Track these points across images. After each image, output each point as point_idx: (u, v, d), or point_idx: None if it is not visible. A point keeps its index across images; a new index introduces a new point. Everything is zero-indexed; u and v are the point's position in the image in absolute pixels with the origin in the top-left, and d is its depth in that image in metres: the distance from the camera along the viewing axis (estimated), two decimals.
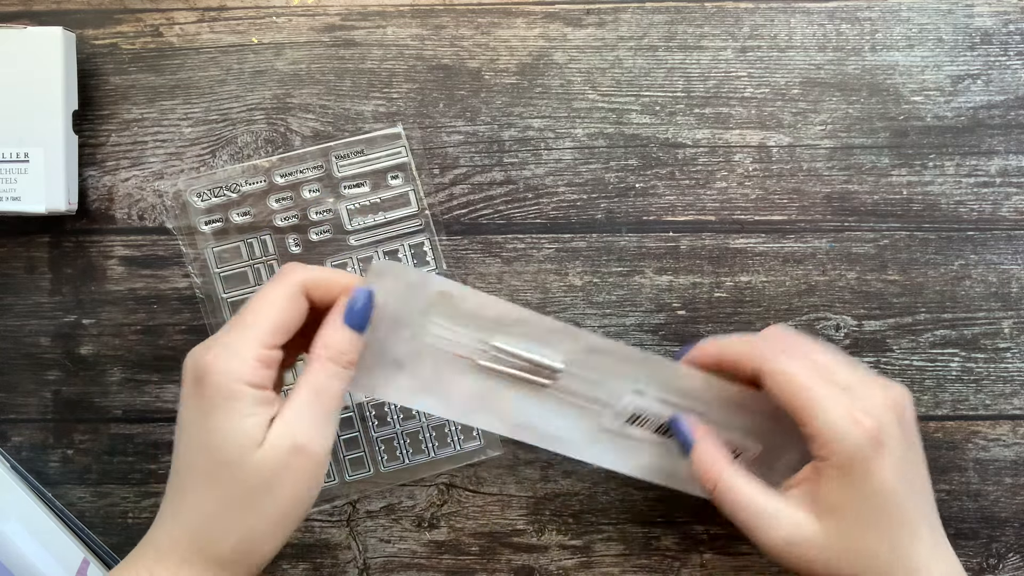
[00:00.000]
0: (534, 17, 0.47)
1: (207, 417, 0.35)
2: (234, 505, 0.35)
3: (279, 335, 0.36)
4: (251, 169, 0.47)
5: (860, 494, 0.37)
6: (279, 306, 0.36)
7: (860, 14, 0.47)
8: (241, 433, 0.35)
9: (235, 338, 0.36)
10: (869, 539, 0.37)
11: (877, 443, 0.37)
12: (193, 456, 0.36)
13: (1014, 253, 0.47)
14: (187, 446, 0.36)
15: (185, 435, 0.36)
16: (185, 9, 0.47)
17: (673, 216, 0.47)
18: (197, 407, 0.35)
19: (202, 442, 0.35)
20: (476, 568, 0.48)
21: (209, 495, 0.35)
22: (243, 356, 0.35)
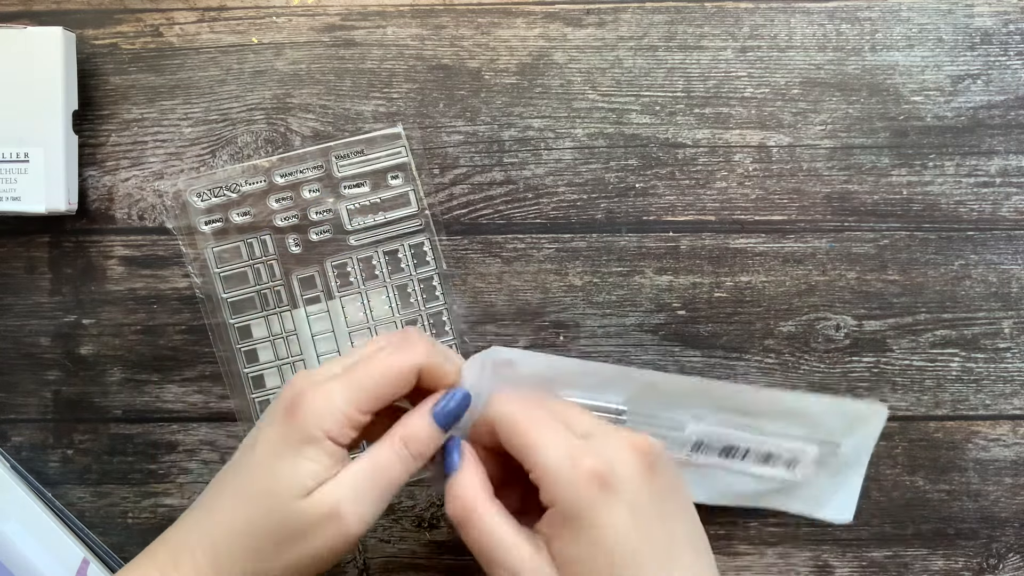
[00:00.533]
0: (534, 17, 0.47)
1: (282, 446, 0.36)
2: (259, 536, 0.36)
3: (377, 404, 0.37)
4: (251, 169, 0.47)
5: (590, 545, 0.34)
6: (391, 380, 0.37)
7: (860, 14, 0.47)
8: (298, 476, 0.35)
9: (340, 387, 0.36)
10: None
11: (604, 487, 0.34)
12: (246, 472, 0.37)
13: (1014, 253, 0.47)
14: (247, 461, 0.37)
15: (251, 450, 0.37)
16: (185, 9, 0.47)
17: (673, 216, 0.47)
18: (278, 433, 0.36)
19: (265, 466, 0.36)
20: (476, 568, 0.48)
21: (242, 515, 0.36)
22: (336, 408, 0.36)
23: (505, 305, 0.48)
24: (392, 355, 0.37)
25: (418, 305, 0.47)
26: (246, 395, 0.47)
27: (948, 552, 0.48)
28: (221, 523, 0.36)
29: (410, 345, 0.37)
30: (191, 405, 0.48)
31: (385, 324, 0.47)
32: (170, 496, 0.48)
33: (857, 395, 0.47)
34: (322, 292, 0.47)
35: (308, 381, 0.37)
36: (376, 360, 0.37)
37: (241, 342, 0.47)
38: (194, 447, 0.48)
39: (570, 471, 0.34)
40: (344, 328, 0.47)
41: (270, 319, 0.47)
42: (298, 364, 0.47)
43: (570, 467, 0.34)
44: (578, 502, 0.34)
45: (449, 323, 0.47)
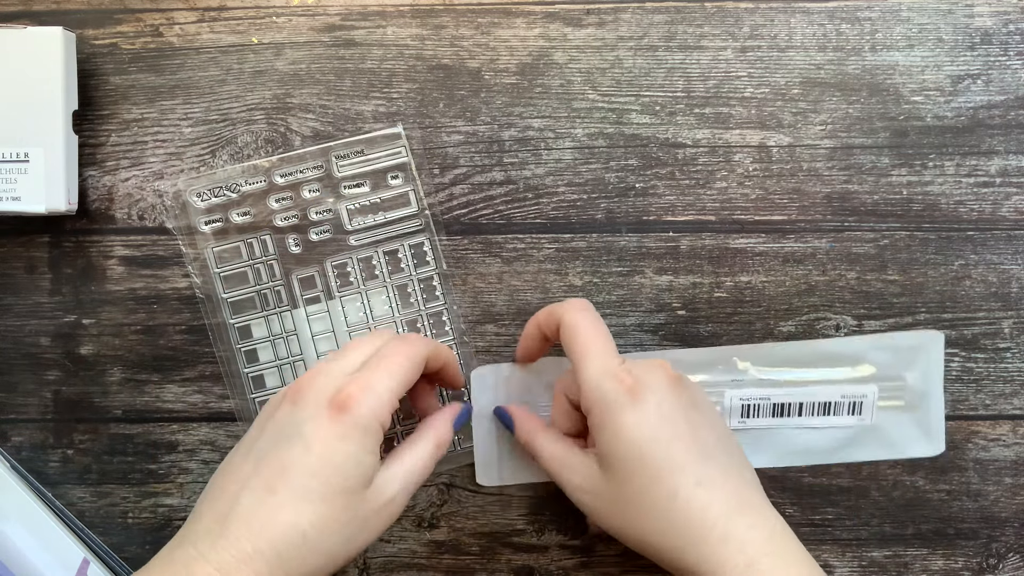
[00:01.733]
0: (534, 17, 0.47)
1: (342, 442, 0.37)
2: (333, 533, 0.37)
3: (404, 392, 0.40)
4: (251, 169, 0.47)
5: (622, 446, 0.39)
6: (417, 367, 0.40)
7: (860, 14, 0.47)
8: (367, 468, 0.38)
9: (379, 381, 0.38)
10: (641, 487, 0.38)
11: (632, 396, 0.39)
12: (306, 472, 0.36)
13: (1014, 253, 0.47)
14: (302, 461, 0.37)
15: (304, 451, 0.37)
16: (185, 9, 0.47)
17: (673, 216, 0.47)
18: (332, 429, 0.37)
19: (328, 463, 0.37)
20: (476, 568, 0.48)
21: (311, 515, 0.36)
22: (384, 401, 0.38)
23: (505, 305, 0.48)
24: (408, 345, 0.41)
25: (418, 305, 0.47)
26: (246, 395, 0.47)
27: (948, 552, 0.48)
28: (284, 529, 0.36)
29: (410, 337, 0.42)
30: (191, 405, 0.48)
31: (385, 324, 0.47)
32: (170, 496, 0.48)
33: None
34: (322, 292, 0.47)
35: (335, 380, 0.39)
36: (399, 351, 0.40)
37: (241, 342, 0.47)
38: (194, 447, 0.48)
39: (604, 380, 0.39)
40: (344, 328, 0.47)
41: (270, 319, 0.47)
42: (298, 364, 0.47)
43: (606, 379, 0.39)
44: (607, 410, 0.39)
45: (449, 323, 0.47)
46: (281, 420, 0.38)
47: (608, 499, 0.39)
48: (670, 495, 0.38)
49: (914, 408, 0.45)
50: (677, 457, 0.38)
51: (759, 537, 0.38)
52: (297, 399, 0.38)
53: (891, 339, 0.45)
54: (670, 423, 0.39)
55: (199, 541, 0.36)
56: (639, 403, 0.39)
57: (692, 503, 0.38)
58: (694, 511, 0.38)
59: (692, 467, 0.38)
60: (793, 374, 0.44)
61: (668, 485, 0.38)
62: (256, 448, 0.38)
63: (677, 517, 0.38)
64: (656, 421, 0.39)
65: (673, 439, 0.39)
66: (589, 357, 0.40)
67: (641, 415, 0.39)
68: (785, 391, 0.44)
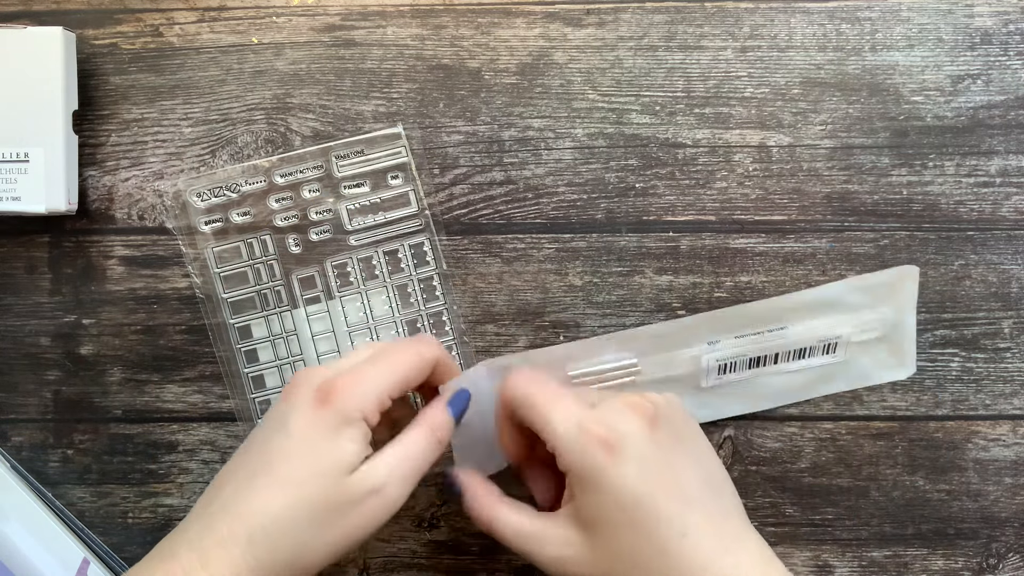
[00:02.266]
0: (534, 17, 0.47)
1: (322, 430, 0.37)
2: (304, 515, 0.36)
3: (402, 391, 0.39)
4: (251, 169, 0.47)
5: (607, 503, 0.37)
6: (415, 368, 0.40)
7: (860, 14, 0.47)
8: (346, 454, 0.37)
9: (369, 375, 0.38)
10: (631, 546, 0.37)
11: (610, 449, 0.37)
12: (283, 458, 0.37)
13: (1014, 253, 0.47)
14: (281, 448, 0.37)
15: (285, 438, 0.37)
16: (185, 9, 0.47)
17: (673, 216, 0.47)
18: (313, 418, 0.37)
19: (306, 449, 0.37)
20: (476, 568, 0.48)
21: (283, 498, 0.36)
22: (370, 393, 0.38)
23: (505, 305, 0.48)
24: (418, 345, 0.40)
25: (418, 305, 0.47)
26: (246, 395, 0.47)
27: (948, 552, 0.48)
28: (257, 512, 0.36)
29: (429, 340, 0.41)
30: (191, 405, 0.48)
31: (385, 324, 0.47)
32: (170, 496, 0.48)
33: (857, 393, 0.47)
34: (322, 292, 0.47)
35: (328, 371, 0.39)
36: (404, 350, 0.40)
37: (241, 342, 0.47)
38: (194, 447, 0.48)
39: (578, 439, 0.38)
40: (344, 328, 0.47)
41: (270, 319, 0.47)
42: (298, 364, 0.47)
43: (578, 435, 0.38)
44: (588, 466, 0.37)
45: (449, 323, 0.47)
46: (272, 414, 0.39)
47: (590, 562, 0.38)
48: (660, 551, 0.37)
49: (887, 338, 0.45)
50: (662, 510, 0.37)
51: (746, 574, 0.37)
52: (288, 393, 0.39)
53: (864, 280, 0.44)
54: (653, 473, 0.37)
55: (188, 528, 0.37)
56: (618, 458, 0.37)
57: (682, 555, 0.37)
58: (684, 563, 0.37)
59: (678, 519, 0.37)
60: (771, 327, 0.44)
61: (656, 541, 0.37)
62: (248, 442, 0.39)
63: (667, 571, 0.37)
64: (637, 475, 0.37)
65: (656, 491, 0.37)
66: (553, 416, 0.39)
67: (622, 472, 0.37)
68: (761, 345, 0.43)
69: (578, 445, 0.38)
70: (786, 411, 0.48)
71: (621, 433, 0.38)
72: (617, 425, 0.38)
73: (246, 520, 0.36)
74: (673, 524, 0.37)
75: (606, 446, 0.37)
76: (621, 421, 0.38)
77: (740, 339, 0.43)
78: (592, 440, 0.37)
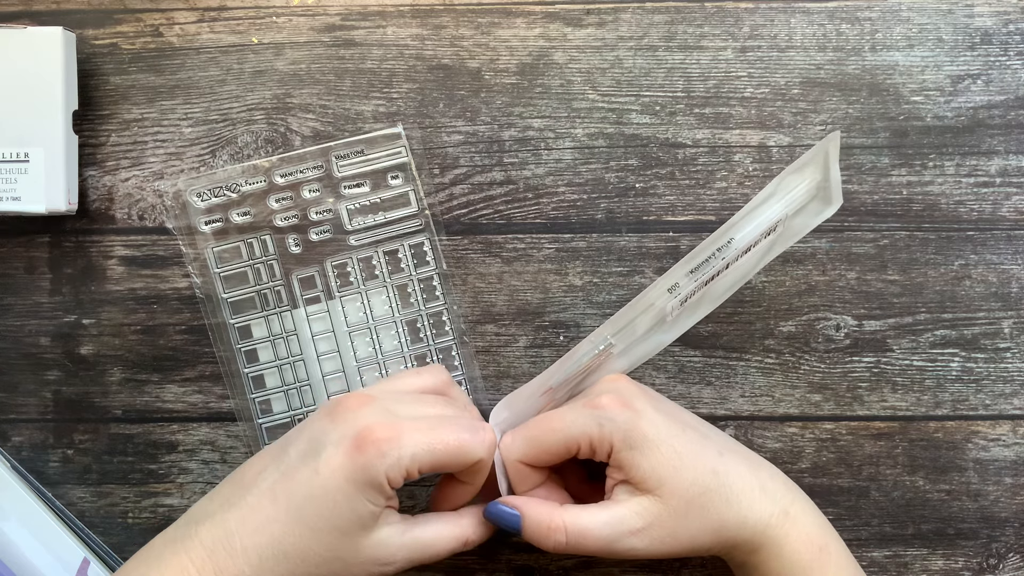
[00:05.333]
0: (534, 17, 0.47)
1: (347, 480, 0.37)
2: (309, 561, 0.37)
3: (432, 469, 0.39)
4: (251, 169, 0.47)
5: (659, 448, 0.40)
6: (458, 461, 0.39)
7: (860, 14, 0.47)
8: (363, 515, 0.37)
9: (412, 443, 0.38)
10: (689, 477, 0.40)
11: (626, 405, 0.40)
12: (307, 497, 0.37)
13: (1014, 253, 0.47)
14: (308, 483, 0.37)
15: (314, 474, 0.37)
16: (185, 9, 0.47)
17: (673, 216, 0.47)
18: (344, 462, 0.37)
19: (326, 496, 0.37)
20: (476, 568, 0.48)
21: (297, 538, 0.37)
22: (403, 461, 0.37)
23: (505, 305, 0.48)
24: (469, 436, 0.39)
25: (418, 305, 0.47)
26: (246, 395, 0.47)
27: (948, 552, 0.48)
28: (272, 539, 0.37)
29: (483, 432, 0.40)
30: (191, 405, 0.48)
31: (385, 324, 0.47)
32: (170, 496, 0.48)
33: (857, 393, 0.48)
34: (322, 292, 0.47)
35: (379, 416, 0.38)
36: (453, 434, 0.39)
37: (241, 342, 0.47)
38: (194, 447, 0.48)
39: (602, 413, 0.40)
40: (344, 328, 0.47)
41: (270, 319, 0.47)
42: (298, 364, 0.47)
43: (598, 412, 0.40)
44: (626, 425, 0.40)
45: (449, 323, 0.47)
46: (315, 430, 0.39)
47: (668, 515, 0.40)
48: (711, 471, 0.40)
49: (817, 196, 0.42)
50: (692, 439, 0.40)
51: (774, 485, 0.41)
52: (336, 415, 0.38)
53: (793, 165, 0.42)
54: (663, 410, 0.41)
55: (203, 521, 0.38)
56: (636, 409, 0.40)
57: (728, 470, 0.40)
58: (732, 478, 0.40)
59: (706, 442, 0.41)
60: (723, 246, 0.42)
61: (704, 462, 0.40)
62: (286, 447, 0.39)
63: (726, 490, 0.40)
64: (657, 414, 0.40)
65: (675, 422, 0.41)
66: (570, 427, 0.40)
67: (648, 417, 0.40)
68: (714, 266, 0.41)
69: (604, 419, 0.40)
70: (786, 411, 0.48)
71: (625, 393, 0.41)
72: (616, 390, 0.41)
73: (259, 542, 0.37)
74: (709, 446, 0.41)
75: (624, 404, 0.40)
76: (616, 387, 0.41)
77: (694, 272, 0.42)
78: (609, 409, 0.40)
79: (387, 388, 0.42)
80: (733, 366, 0.48)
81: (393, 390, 0.41)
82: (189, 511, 0.39)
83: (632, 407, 0.40)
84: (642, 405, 0.40)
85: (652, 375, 0.48)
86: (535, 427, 0.41)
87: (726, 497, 0.40)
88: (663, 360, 0.47)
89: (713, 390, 0.48)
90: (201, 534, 0.37)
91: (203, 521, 0.38)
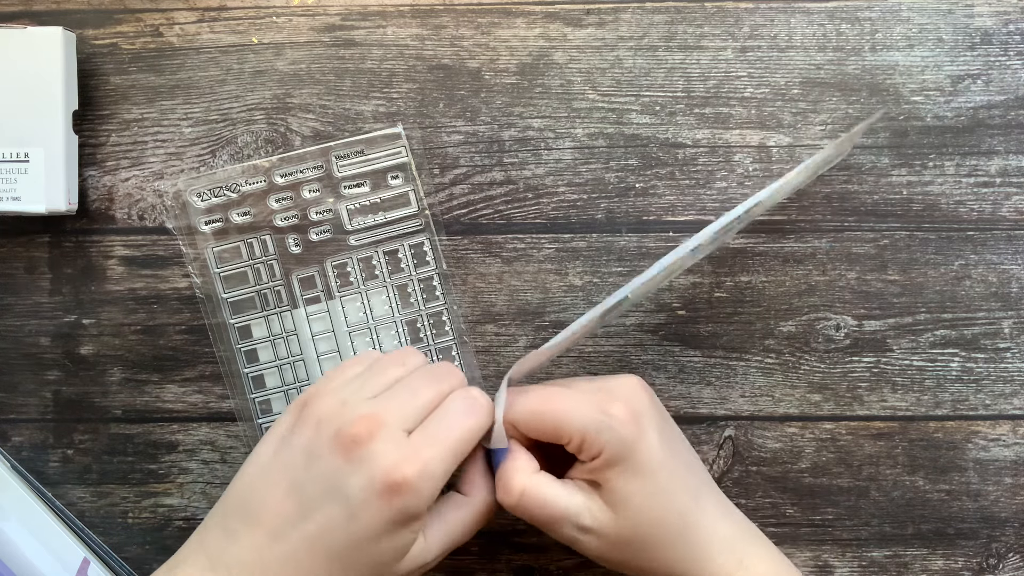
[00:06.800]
0: (534, 17, 0.47)
1: (388, 524, 0.37)
2: None
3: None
4: (251, 169, 0.47)
5: (639, 473, 0.39)
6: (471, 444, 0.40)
7: (860, 14, 0.47)
8: (402, 546, 0.38)
9: (440, 461, 0.38)
10: (654, 511, 0.39)
11: (637, 421, 0.39)
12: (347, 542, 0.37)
13: (1014, 253, 0.47)
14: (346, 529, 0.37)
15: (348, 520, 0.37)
16: (185, 9, 0.47)
17: (673, 216, 0.47)
18: (379, 509, 0.37)
19: (368, 540, 0.37)
20: (476, 568, 0.48)
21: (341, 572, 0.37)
22: (439, 482, 0.38)
23: (505, 305, 0.48)
24: (470, 418, 0.40)
25: (418, 305, 0.47)
26: (246, 395, 0.47)
27: (948, 552, 0.48)
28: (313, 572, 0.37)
29: (479, 406, 0.40)
30: (191, 405, 0.48)
31: (385, 324, 0.47)
32: (170, 496, 0.48)
33: (857, 393, 0.48)
34: (322, 292, 0.47)
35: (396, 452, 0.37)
36: (459, 425, 0.39)
37: (241, 342, 0.47)
38: (194, 447, 0.48)
39: (608, 419, 0.39)
40: (344, 328, 0.47)
41: (270, 319, 0.47)
42: (298, 364, 0.47)
43: (605, 417, 0.39)
44: (624, 442, 0.39)
45: (449, 323, 0.47)
46: (330, 470, 0.37)
47: (610, 533, 0.40)
48: (680, 512, 0.40)
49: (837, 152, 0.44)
50: (680, 474, 0.40)
51: (735, 533, 0.41)
52: (351, 453, 0.37)
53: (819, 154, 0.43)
54: (666, 440, 0.40)
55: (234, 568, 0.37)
56: (643, 429, 0.40)
57: (697, 515, 0.40)
58: (698, 525, 0.40)
59: (693, 481, 0.41)
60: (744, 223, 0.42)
61: (676, 503, 0.40)
62: (301, 485, 0.38)
63: (688, 535, 0.40)
64: (659, 444, 0.40)
65: (671, 457, 0.40)
66: (572, 414, 0.39)
67: (649, 442, 0.39)
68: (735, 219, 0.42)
69: (605, 426, 0.39)
70: (786, 411, 0.48)
71: (639, 407, 0.40)
72: (632, 400, 0.40)
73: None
74: (688, 487, 0.40)
75: (633, 420, 0.39)
76: (634, 398, 0.40)
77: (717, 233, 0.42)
78: (619, 418, 0.39)
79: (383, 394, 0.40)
80: (733, 366, 0.48)
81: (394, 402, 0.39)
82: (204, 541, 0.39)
83: (638, 424, 0.39)
84: (647, 425, 0.40)
85: (652, 375, 0.48)
86: (539, 400, 0.41)
87: (685, 540, 0.40)
88: (663, 360, 0.47)
89: (713, 390, 0.48)
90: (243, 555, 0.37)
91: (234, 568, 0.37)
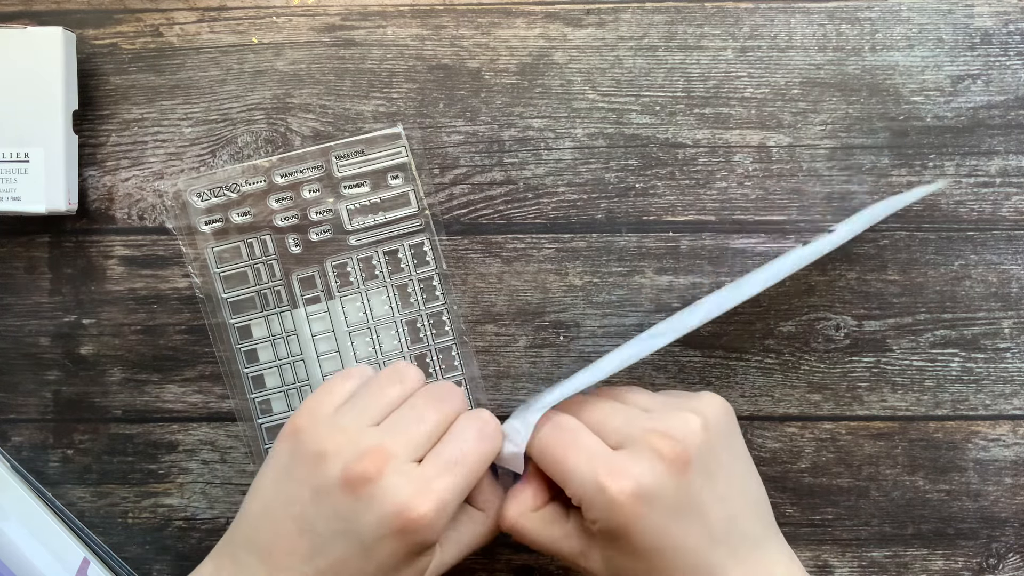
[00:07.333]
0: (534, 17, 0.47)
1: (403, 556, 0.37)
2: None
3: None
4: (251, 169, 0.47)
5: (635, 557, 0.37)
6: (487, 464, 0.39)
7: (860, 14, 0.47)
8: (419, 570, 0.38)
9: (452, 493, 0.37)
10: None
11: (637, 501, 0.36)
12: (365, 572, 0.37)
13: (1014, 253, 0.47)
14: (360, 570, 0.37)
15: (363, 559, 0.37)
16: (185, 9, 0.47)
17: (673, 216, 0.48)
18: (395, 547, 0.37)
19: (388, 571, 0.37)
20: (476, 568, 0.48)
21: None
22: (449, 515, 0.37)
23: (505, 305, 0.48)
24: (483, 444, 0.39)
25: (418, 305, 0.47)
26: (246, 395, 0.47)
27: (948, 552, 0.48)
28: None
29: (490, 430, 0.39)
30: (191, 405, 0.48)
31: (385, 324, 0.47)
32: (170, 496, 0.48)
33: (856, 393, 0.48)
34: (322, 292, 0.47)
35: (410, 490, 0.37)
36: (473, 451, 0.38)
37: (241, 342, 0.47)
38: (194, 447, 0.48)
39: (603, 495, 0.36)
40: (344, 328, 0.47)
41: (270, 319, 0.47)
42: (298, 364, 0.47)
43: (601, 490, 0.36)
44: (615, 521, 0.36)
45: (449, 323, 0.47)
46: (341, 509, 0.37)
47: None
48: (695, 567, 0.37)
49: None
50: (688, 557, 0.36)
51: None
52: (359, 492, 0.36)
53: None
54: (678, 521, 0.36)
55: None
56: (643, 511, 0.36)
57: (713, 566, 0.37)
58: None
59: (704, 561, 0.37)
60: None
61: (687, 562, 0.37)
62: (312, 523, 0.37)
63: None
64: (663, 529, 0.36)
65: (681, 540, 0.36)
66: (572, 473, 0.37)
67: (648, 526, 0.36)
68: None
69: (599, 502, 0.36)
70: (786, 411, 0.48)
71: (646, 486, 0.36)
72: (642, 477, 0.36)
73: None
74: (699, 569, 0.36)
75: (634, 498, 0.36)
76: (647, 472, 0.36)
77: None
78: (614, 496, 0.36)
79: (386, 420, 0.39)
80: (733, 366, 0.48)
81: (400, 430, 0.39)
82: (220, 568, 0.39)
83: (637, 506, 0.36)
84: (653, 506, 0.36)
85: (652, 375, 0.48)
86: (550, 445, 0.39)
87: None
88: (663, 360, 0.47)
89: (713, 390, 0.48)
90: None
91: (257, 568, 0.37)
